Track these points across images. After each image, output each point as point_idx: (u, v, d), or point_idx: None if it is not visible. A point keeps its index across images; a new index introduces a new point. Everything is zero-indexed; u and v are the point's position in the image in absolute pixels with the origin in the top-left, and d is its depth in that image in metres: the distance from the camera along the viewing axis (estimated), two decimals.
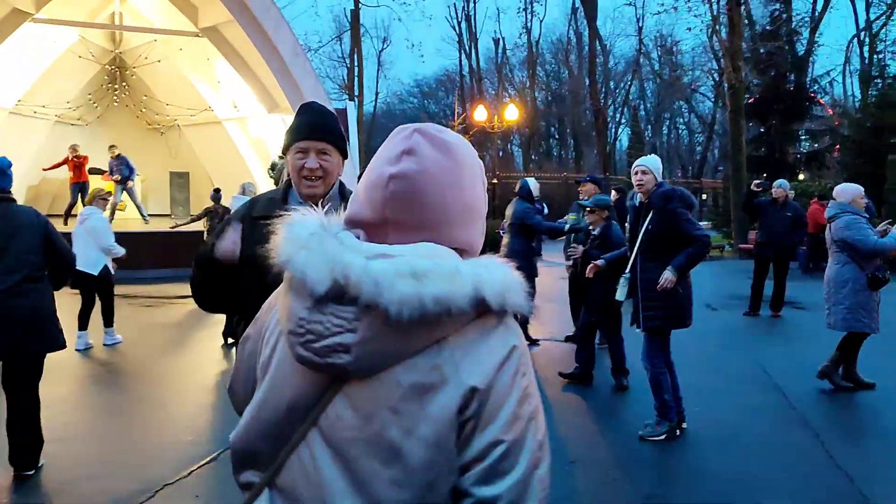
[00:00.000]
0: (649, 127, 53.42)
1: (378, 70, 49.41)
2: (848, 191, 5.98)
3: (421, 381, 1.00)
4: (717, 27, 20.78)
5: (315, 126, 2.22)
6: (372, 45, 47.62)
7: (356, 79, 36.49)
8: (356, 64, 36.08)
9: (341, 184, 2.36)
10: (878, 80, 22.84)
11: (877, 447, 4.67)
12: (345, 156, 2.31)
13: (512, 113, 22.54)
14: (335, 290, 1.00)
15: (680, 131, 58.54)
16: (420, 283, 0.96)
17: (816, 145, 23.51)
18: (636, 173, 4.83)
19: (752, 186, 9.74)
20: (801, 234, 10.11)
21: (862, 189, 6.03)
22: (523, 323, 5.52)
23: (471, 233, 1.12)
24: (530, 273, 6.94)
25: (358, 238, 1.06)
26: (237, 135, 18.39)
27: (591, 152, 45.05)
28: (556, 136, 56.31)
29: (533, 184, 7.67)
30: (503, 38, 47.86)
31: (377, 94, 49.60)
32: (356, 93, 35.18)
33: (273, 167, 9.91)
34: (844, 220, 5.78)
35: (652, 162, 4.86)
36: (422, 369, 1.00)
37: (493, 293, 1.00)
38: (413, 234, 1.05)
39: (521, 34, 45.43)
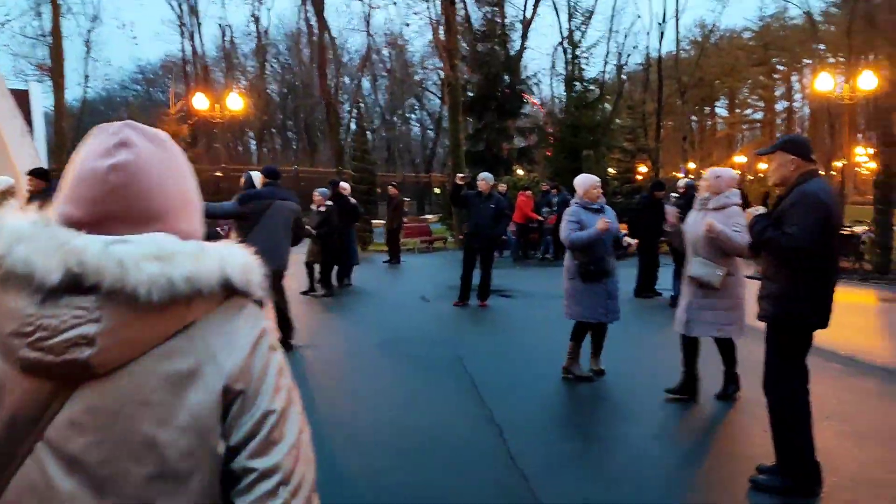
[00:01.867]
0: (384, 122, 54.62)
1: (87, 52, 44.29)
2: (579, 183, 6.06)
3: (176, 368, 0.98)
4: (436, 25, 21.39)
5: None
6: (75, 22, 42.40)
7: (58, 60, 32.14)
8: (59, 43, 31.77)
9: None
10: (577, 83, 25.24)
11: (557, 445, 4.70)
12: None
13: (235, 102, 21.36)
14: (69, 279, 0.94)
15: (412, 127, 60.78)
16: (168, 263, 0.95)
17: (526, 142, 25.41)
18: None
19: (457, 180, 9.90)
20: (505, 226, 10.52)
21: (593, 179, 6.06)
22: None
23: (192, 224, 1.10)
24: None
25: None
26: None
27: (327, 146, 44.86)
28: (294, 130, 55.45)
29: (257, 177, 7.45)
30: (230, 26, 45.52)
31: (86, 77, 44.40)
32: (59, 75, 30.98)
33: None
34: (566, 212, 5.95)
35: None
36: (175, 356, 0.98)
37: (238, 273, 1.02)
38: (140, 227, 1.01)
39: (248, 22, 43.55)
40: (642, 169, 27.69)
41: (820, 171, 3.80)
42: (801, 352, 3.73)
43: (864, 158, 47.84)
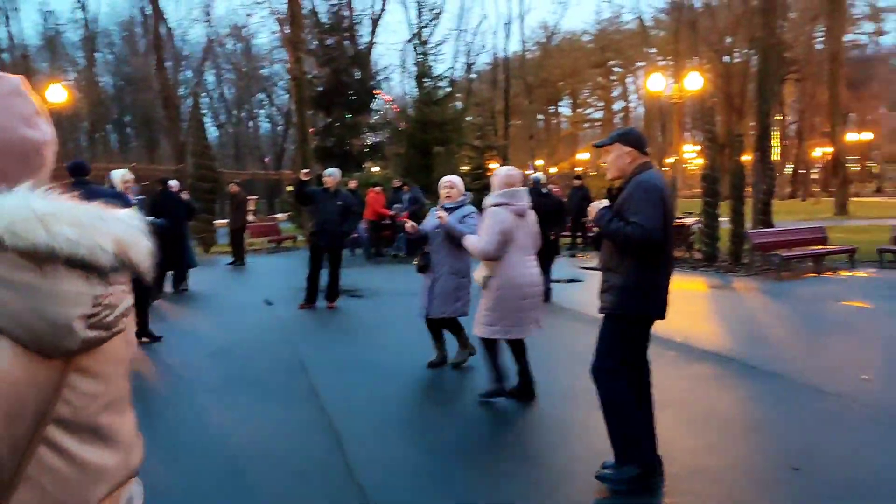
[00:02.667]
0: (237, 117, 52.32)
1: None
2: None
3: None
4: (281, 17, 20.57)
5: None
6: None
7: None
8: None
9: None
10: (427, 80, 25.20)
11: (399, 453, 4.43)
12: None
13: (58, 94, 19.52)
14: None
15: (262, 123, 58.83)
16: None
17: (378, 137, 25.06)
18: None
19: (300, 176, 9.43)
20: (353, 223, 10.16)
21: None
22: None
23: None
24: None
25: None
26: None
27: (168, 142, 42.30)
28: (134, 126, 51.99)
29: (117, 176, 7.06)
30: (52, 12, 41.83)
31: None
32: None
33: None
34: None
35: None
36: None
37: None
38: None
39: (74, 9, 40.24)
40: (493, 166, 28.21)
41: (654, 164, 3.79)
42: (644, 343, 3.72)
43: (691, 155, 51.80)
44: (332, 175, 9.54)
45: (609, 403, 3.67)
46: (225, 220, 17.07)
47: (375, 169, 23.83)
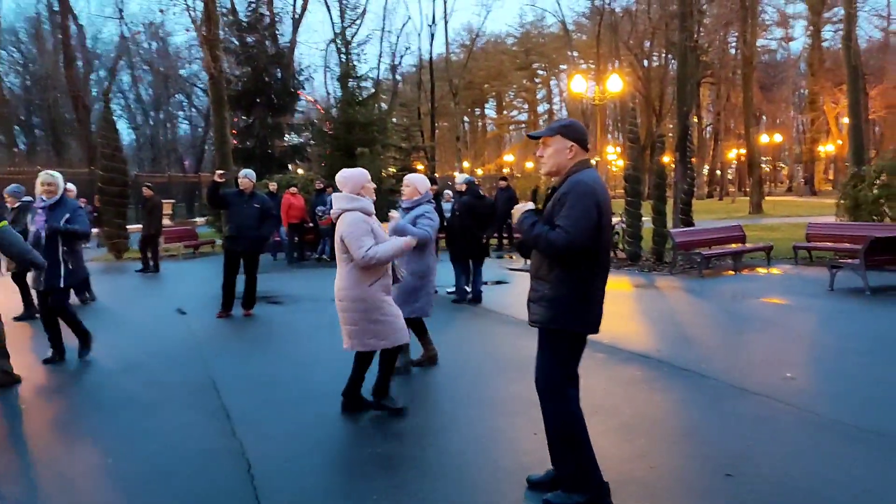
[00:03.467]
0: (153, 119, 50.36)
1: None
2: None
3: None
4: (195, 15, 19.71)
5: None
6: None
7: None
8: None
9: None
10: (350, 80, 24.74)
11: (311, 480, 4.09)
12: None
13: None
14: None
15: (181, 124, 57.03)
16: None
17: (300, 139, 24.45)
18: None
19: (215, 177, 8.92)
20: (271, 227, 9.69)
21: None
22: None
23: None
24: None
25: None
26: None
27: (79, 144, 40.31)
28: (42, 128, 49.44)
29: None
30: None
31: None
32: None
33: None
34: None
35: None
36: None
37: None
38: None
39: None
40: (420, 168, 28.02)
41: (592, 163, 3.54)
42: (576, 357, 3.43)
43: (613, 156, 52.91)
44: (247, 177, 9.06)
45: (559, 428, 3.37)
46: (139, 226, 16.19)
47: (300, 171, 23.23)
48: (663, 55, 44.89)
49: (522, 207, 3.46)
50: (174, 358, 6.80)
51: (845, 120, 39.66)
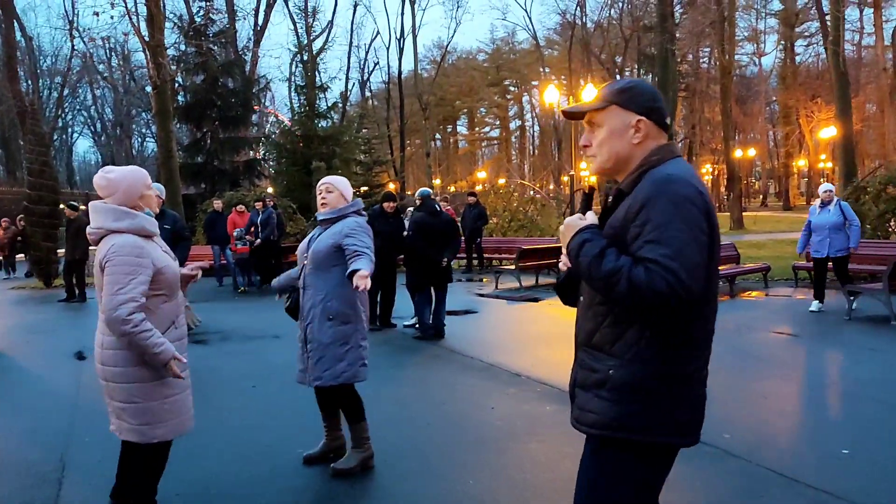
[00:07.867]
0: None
1: None
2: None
3: None
4: (133, 18, 18.07)
5: None
6: None
7: None
8: None
9: None
10: (317, 94, 23.36)
11: None
12: None
13: None
14: None
15: (148, 142, 55.47)
16: None
17: (254, 154, 22.91)
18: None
19: None
20: (184, 251, 8.15)
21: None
22: None
23: None
24: None
25: None
26: None
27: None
28: None
29: None
30: None
31: None
32: None
33: None
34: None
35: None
36: None
37: None
38: None
39: None
40: (392, 186, 26.59)
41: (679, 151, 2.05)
42: (661, 482, 1.94)
43: (586, 173, 52.04)
44: (155, 191, 7.51)
45: None
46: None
47: (259, 188, 21.69)
48: (636, 69, 44.19)
49: (576, 220, 1.98)
50: (32, 432, 5.18)
51: (821, 134, 39.14)
